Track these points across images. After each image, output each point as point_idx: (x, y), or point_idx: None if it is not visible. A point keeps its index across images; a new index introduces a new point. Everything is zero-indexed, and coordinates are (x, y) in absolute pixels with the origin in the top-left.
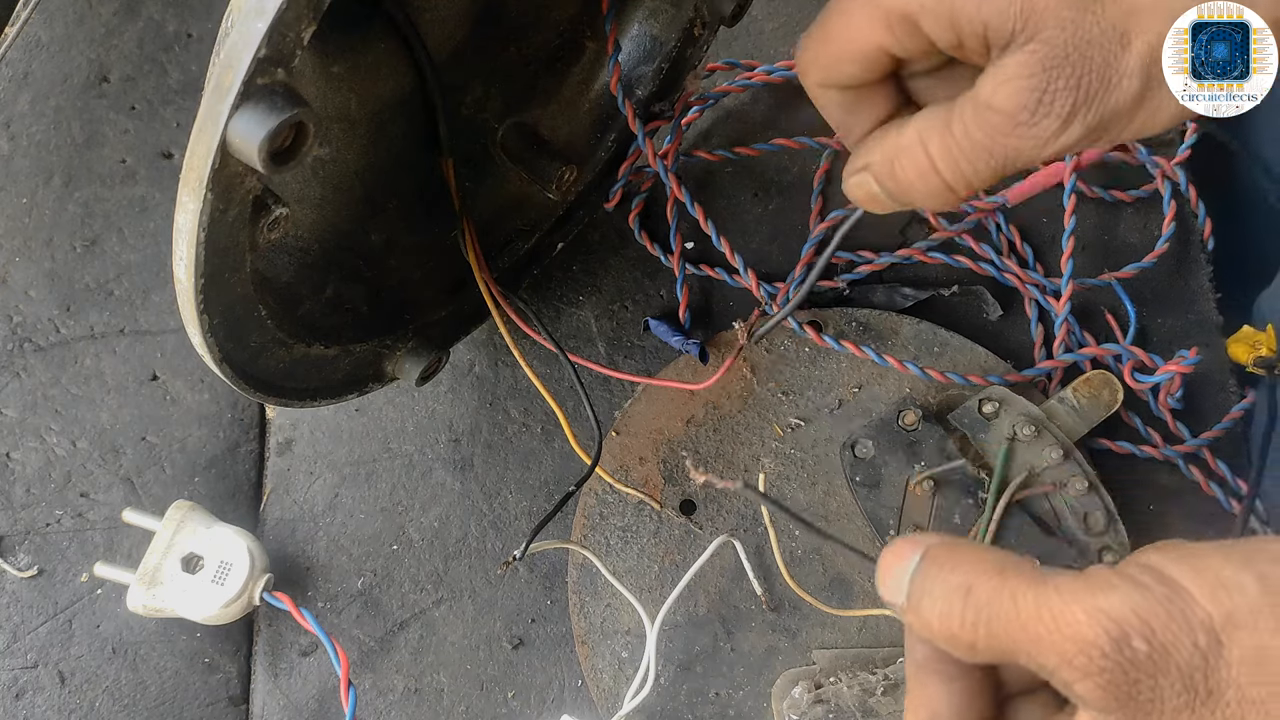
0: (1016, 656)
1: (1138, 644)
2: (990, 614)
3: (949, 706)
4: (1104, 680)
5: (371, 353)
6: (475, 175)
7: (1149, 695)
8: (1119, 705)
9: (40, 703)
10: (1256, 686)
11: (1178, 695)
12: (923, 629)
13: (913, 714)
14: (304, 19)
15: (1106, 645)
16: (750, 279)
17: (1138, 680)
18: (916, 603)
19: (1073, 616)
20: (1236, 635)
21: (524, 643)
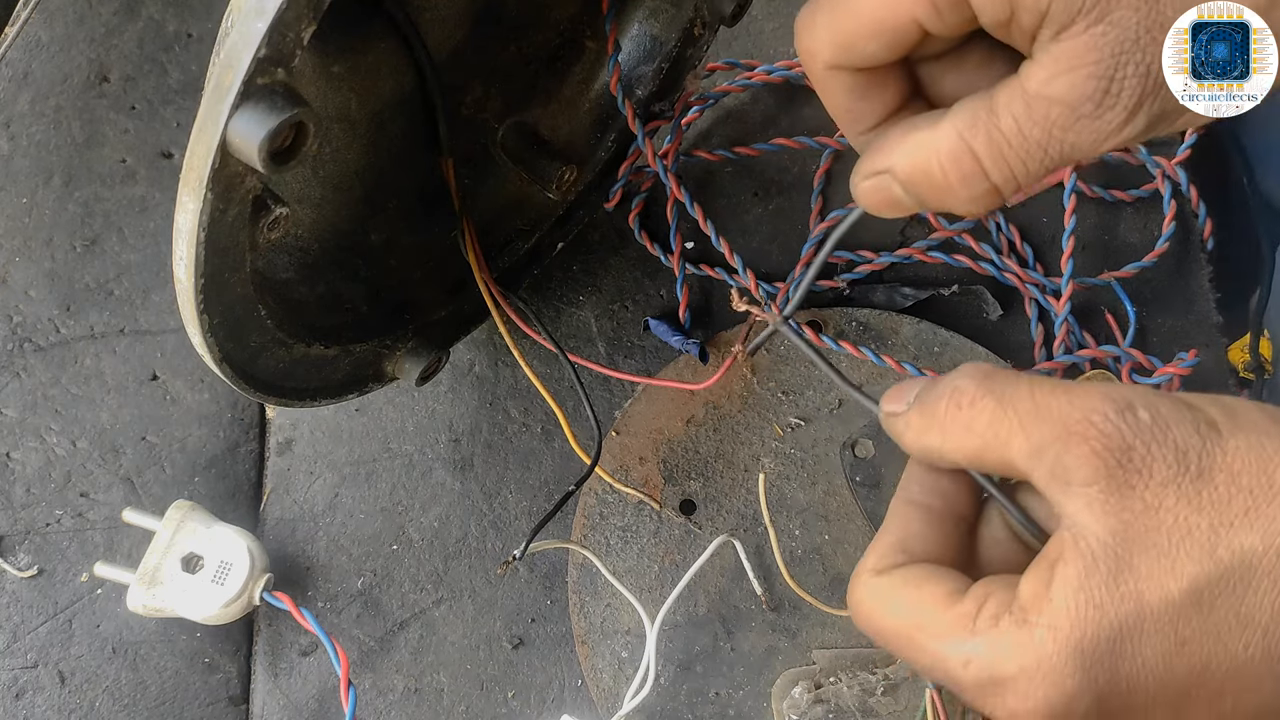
0: (1010, 442)
1: (1142, 413)
2: (1003, 389)
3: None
4: (1098, 445)
5: (371, 353)
6: (475, 175)
7: (1139, 464)
8: (1107, 472)
9: (40, 702)
10: (1248, 475)
11: (1168, 467)
12: (922, 418)
13: (881, 535)
14: (304, 19)
15: (1111, 411)
16: (749, 279)
17: (1132, 447)
18: (925, 394)
19: (1084, 391)
20: (1238, 431)
21: (524, 642)
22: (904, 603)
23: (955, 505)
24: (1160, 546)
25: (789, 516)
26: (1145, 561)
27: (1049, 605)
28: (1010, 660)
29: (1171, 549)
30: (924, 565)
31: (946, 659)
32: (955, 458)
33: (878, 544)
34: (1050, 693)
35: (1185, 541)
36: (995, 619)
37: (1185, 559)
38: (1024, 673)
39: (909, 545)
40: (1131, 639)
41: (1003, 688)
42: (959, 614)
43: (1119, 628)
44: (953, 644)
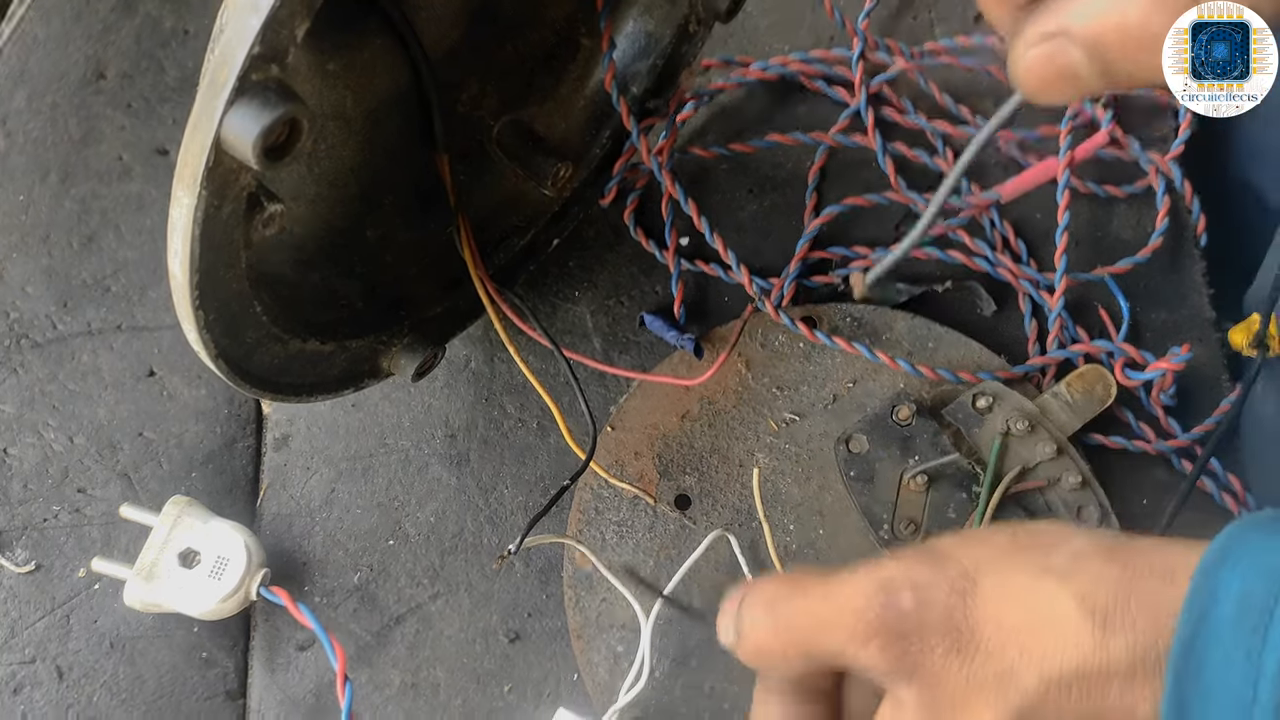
0: (818, 650)
1: (904, 600)
2: (788, 614)
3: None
4: (880, 641)
5: (367, 348)
6: (471, 172)
7: (918, 646)
8: (898, 662)
9: (38, 698)
10: (1011, 615)
11: (943, 638)
12: (746, 655)
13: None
14: (298, 15)
15: (878, 607)
16: (744, 275)
17: (907, 633)
18: (740, 631)
19: (851, 591)
20: (986, 575)
21: (520, 637)
22: None
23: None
24: (962, 708)
25: (783, 511)
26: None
27: None
28: None
29: (972, 708)
30: None
31: None
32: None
33: None
34: None
35: (982, 695)
36: None
37: (986, 711)
38: None
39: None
40: None
41: None
42: None
43: None
44: None
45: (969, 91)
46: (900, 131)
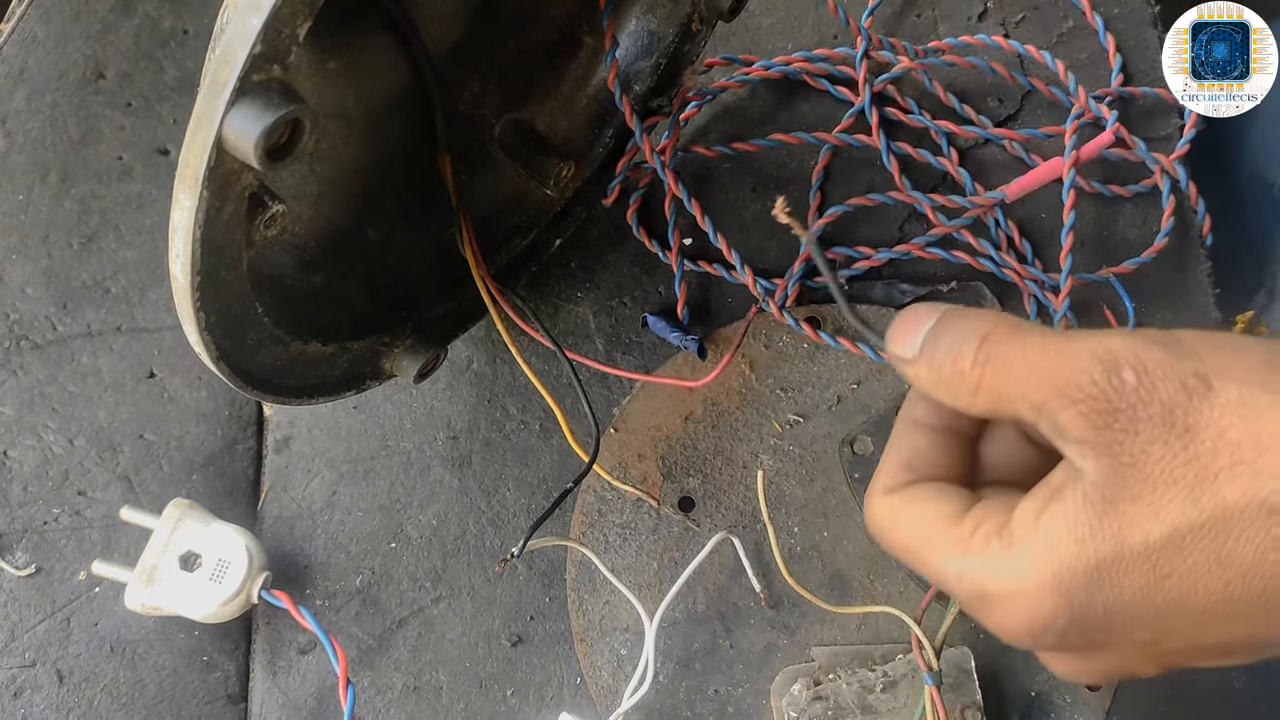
0: (1014, 400)
1: (1127, 375)
2: (1001, 353)
3: (927, 455)
4: (1087, 407)
5: (369, 350)
6: (473, 171)
7: (1125, 424)
8: (1095, 431)
9: (38, 701)
10: (1235, 430)
11: (1154, 425)
12: (931, 372)
13: (888, 456)
14: (300, 15)
15: (1098, 374)
16: (747, 275)
17: (1117, 410)
18: (931, 349)
19: (1074, 351)
20: (1229, 383)
21: (523, 640)
22: (909, 521)
23: (958, 426)
24: (1145, 496)
25: (788, 513)
26: (1131, 508)
27: (1035, 535)
28: (996, 580)
29: (1156, 498)
30: (929, 484)
31: (945, 574)
32: (967, 412)
33: (885, 464)
34: (1030, 612)
35: (1169, 491)
36: (987, 540)
37: (1168, 506)
38: (1006, 592)
39: (915, 464)
40: (1109, 573)
41: (989, 603)
42: (957, 534)
43: (1097, 562)
44: (950, 561)
45: (973, 91)
46: (904, 131)
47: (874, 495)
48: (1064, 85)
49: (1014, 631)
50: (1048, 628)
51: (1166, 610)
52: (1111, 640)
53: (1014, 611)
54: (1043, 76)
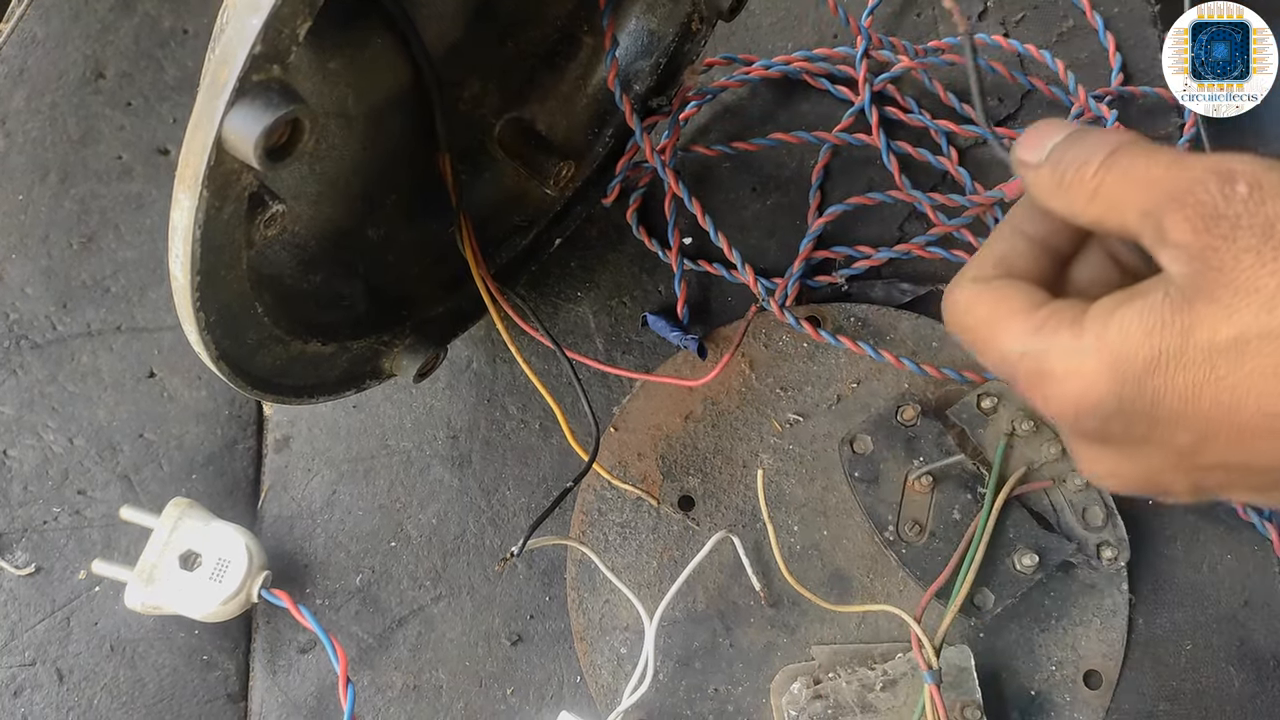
0: (1125, 208)
1: (1240, 187)
2: (1124, 163)
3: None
4: (1193, 212)
5: (369, 349)
6: (472, 171)
7: (1226, 231)
8: (1195, 235)
9: (38, 700)
10: None
11: (1253, 235)
12: (1053, 177)
13: (982, 250)
14: (300, 15)
15: (1212, 184)
16: (748, 274)
17: (1223, 215)
18: (1058, 155)
19: (1194, 164)
20: None
21: (522, 639)
22: (987, 305)
23: (1058, 240)
24: (1222, 299)
25: (787, 512)
26: (1205, 307)
27: (1107, 323)
28: (1057, 360)
29: (1232, 300)
30: (1015, 281)
31: (1008, 354)
32: (1075, 219)
33: (979, 256)
34: (1082, 392)
35: (1247, 297)
36: (1058, 326)
37: (1242, 311)
38: (1065, 373)
39: (1007, 263)
40: (1167, 364)
41: (1045, 381)
42: (1029, 320)
43: (1159, 353)
44: (1016, 342)
45: None
46: (904, 130)
47: (960, 282)
48: (1064, 84)
49: (1060, 409)
50: (1095, 410)
51: (1214, 413)
52: (1152, 437)
53: (1067, 391)
54: (1043, 76)
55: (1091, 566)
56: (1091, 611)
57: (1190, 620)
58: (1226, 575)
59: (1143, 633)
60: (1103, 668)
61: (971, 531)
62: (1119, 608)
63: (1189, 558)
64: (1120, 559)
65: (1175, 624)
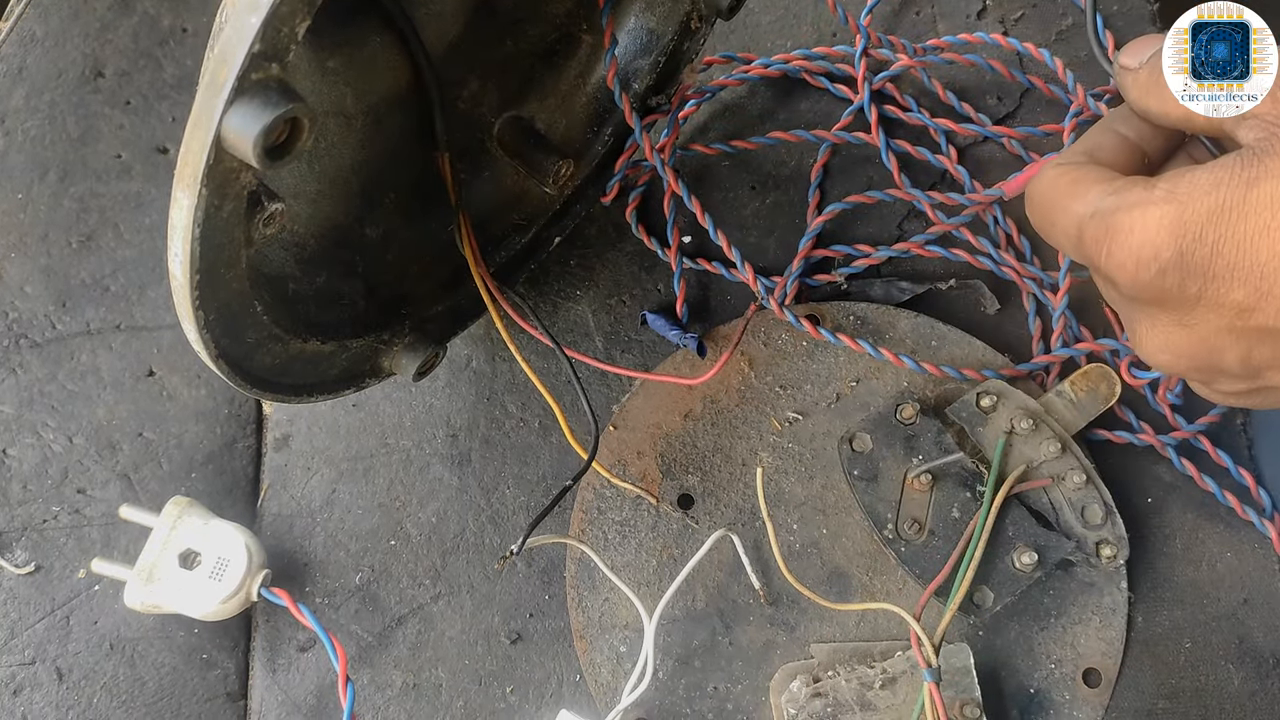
0: None
1: None
2: None
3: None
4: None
5: (368, 348)
6: (472, 169)
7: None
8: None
9: (38, 699)
10: None
11: None
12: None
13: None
14: (299, 13)
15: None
16: (748, 273)
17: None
18: (1155, 61)
19: None
20: None
21: (522, 637)
22: (1069, 179)
23: (1149, 144)
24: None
25: (787, 511)
26: (1272, 162)
27: (1179, 180)
28: (1124, 215)
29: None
30: (1101, 165)
31: (1080, 216)
32: (1167, 117)
33: (1070, 148)
34: (1143, 241)
35: None
36: (1131, 184)
37: None
38: (1130, 224)
39: (1096, 154)
40: (1229, 214)
41: (1111, 235)
42: (1109, 184)
43: (1222, 203)
44: (1090, 203)
45: (972, 88)
46: (903, 128)
47: (1048, 166)
48: (1063, 83)
49: (1120, 262)
50: (1154, 260)
51: (1270, 265)
52: (1205, 295)
53: (1129, 242)
54: (1041, 74)
55: (1091, 564)
56: (1091, 609)
57: (1190, 618)
58: (1226, 573)
59: (1142, 631)
60: (1102, 666)
61: (971, 529)
62: (1118, 606)
63: (1188, 555)
64: (1119, 557)
65: (1175, 622)
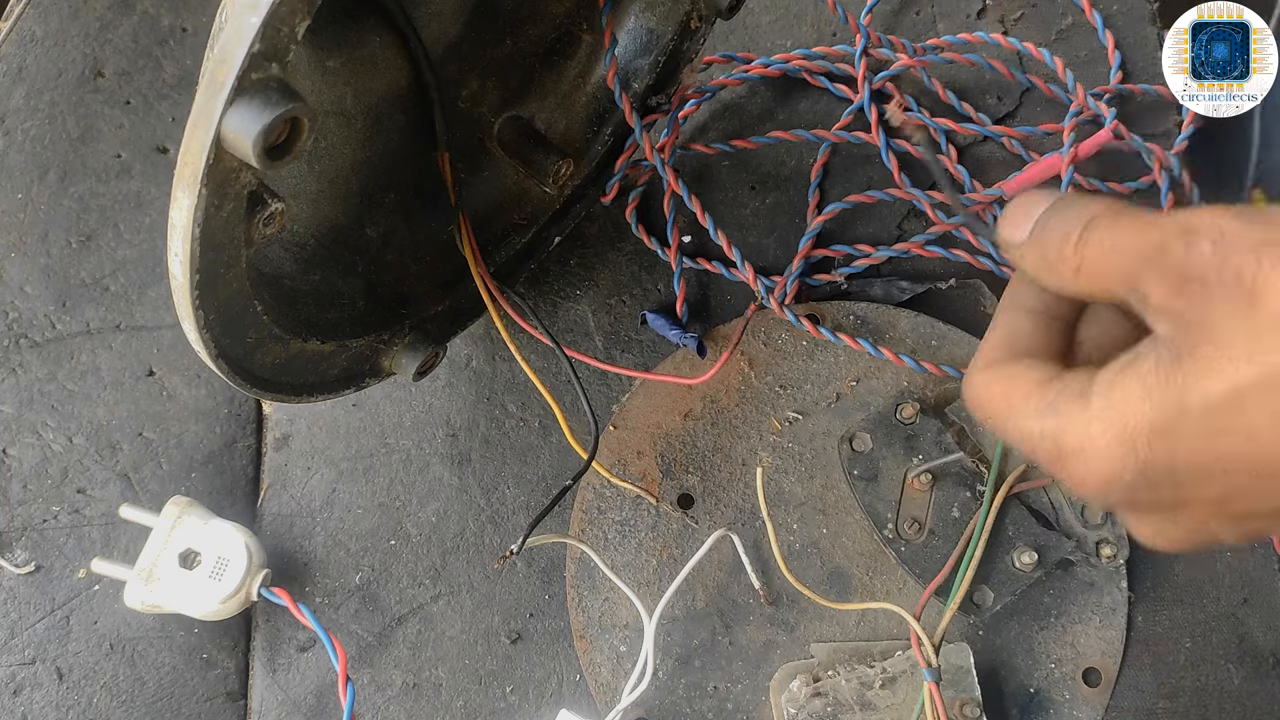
0: (1110, 278)
1: (1204, 244)
2: (1099, 236)
3: (1029, 336)
4: (1167, 275)
5: (368, 348)
6: (471, 169)
7: (1199, 288)
8: (1172, 297)
9: (38, 699)
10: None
11: (1225, 289)
12: (1037, 256)
13: (990, 335)
14: (298, 13)
15: (1179, 245)
16: (748, 272)
17: (1193, 275)
18: (1039, 233)
19: (1162, 225)
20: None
21: (522, 637)
22: (1000, 390)
23: (1058, 309)
24: (1208, 355)
25: (787, 510)
26: (1195, 365)
27: (1110, 394)
28: (1070, 436)
29: (1218, 355)
30: (1024, 360)
31: (1030, 435)
32: (1066, 293)
33: (987, 342)
34: (1100, 467)
35: (1231, 349)
36: (1069, 401)
37: (1228, 364)
38: (1080, 448)
39: (1014, 343)
40: (1172, 427)
41: (1066, 460)
42: (1042, 398)
43: (1161, 417)
44: (1033, 421)
45: (972, 88)
46: None
47: (974, 370)
48: (1063, 82)
49: (1087, 487)
50: (1116, 481)
51: (1231, 466)
52: (1183, 498)
53: (1086, 467)
54: (1041, 74)
55: (1091, 564)
56: (1091, 609)
57: (1190, 618)
58: (1226, 573)
59: (1142, 630)
60: (1102, 665)
61: (971, 529)
62: (1118, 605)
63: (1188, 555)
64: (1119, 556)
65: (1175, 621)
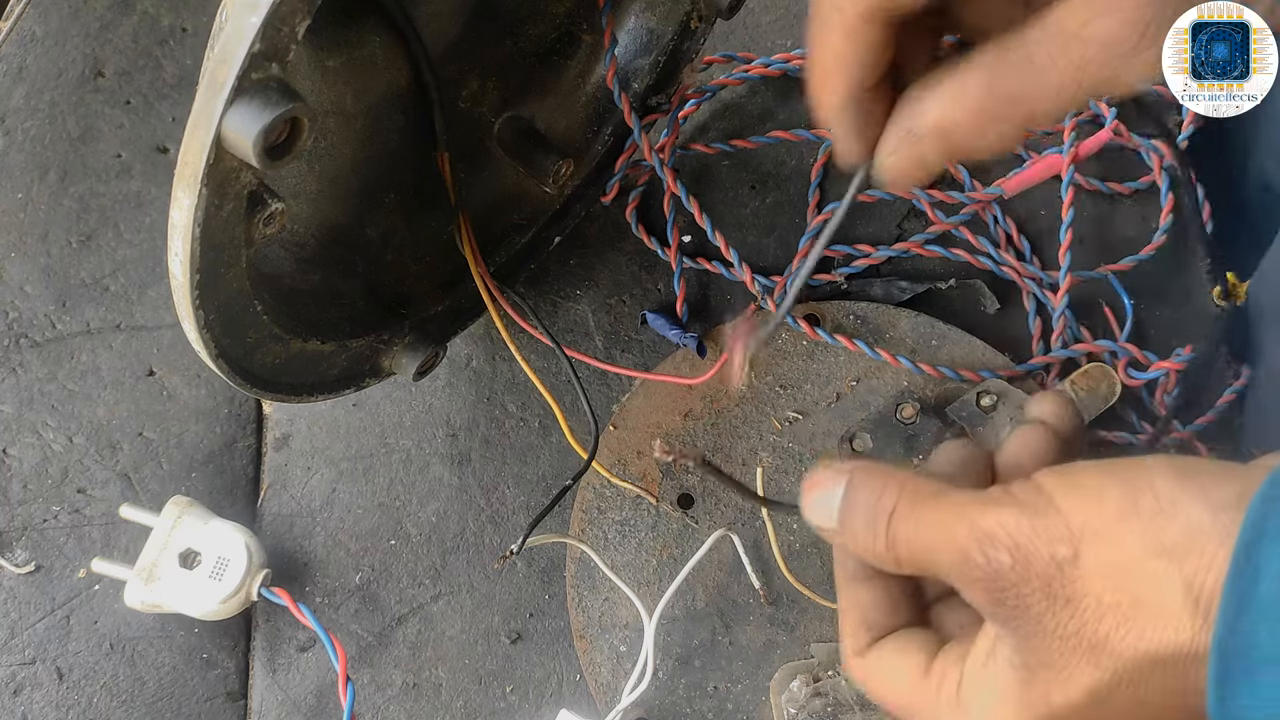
0: (930, 568)
1: (1002, 557)
2: (906, 533)
3: (877, 608)
4: (980, 587)
5: (368, 348)
6: (471, 169)
7: (1015, 600)
8: (995, 606)
9: (38, 699)
10: (1112, 593)
11: (1040, 599)
12: (855, 548)
13: (845, 617)
14: (298, 13)
15: (979, 556)
16: (746, 273)
17: (1004, 588)
18: (846, 525)
19: (958, 532)
20: (1093, 546)
21: (522, 637)
22: (886, 681)
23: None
24: (1056, 662)
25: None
26: (1047, 674)
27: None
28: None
29: (1065, 663)
30: (890, 638)
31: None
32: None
33: (844, 626)
34: None
35: (1073, 656)
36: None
37: (1077, 670)
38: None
39: (870, 620)
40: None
41: None
42: (926, 695)
43: None
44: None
45: None
46: None
47: (848, 660)
48: None
49: None
50: None
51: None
52: None
53: None
54: None
55: None
56: None
57: None
58: None
59: None
60: None
61: None
62: None
63: None
64: None
65: None
